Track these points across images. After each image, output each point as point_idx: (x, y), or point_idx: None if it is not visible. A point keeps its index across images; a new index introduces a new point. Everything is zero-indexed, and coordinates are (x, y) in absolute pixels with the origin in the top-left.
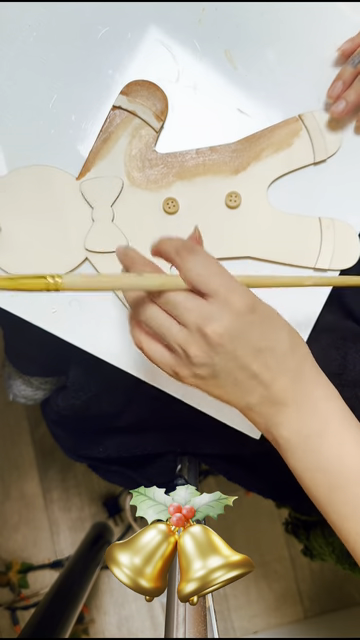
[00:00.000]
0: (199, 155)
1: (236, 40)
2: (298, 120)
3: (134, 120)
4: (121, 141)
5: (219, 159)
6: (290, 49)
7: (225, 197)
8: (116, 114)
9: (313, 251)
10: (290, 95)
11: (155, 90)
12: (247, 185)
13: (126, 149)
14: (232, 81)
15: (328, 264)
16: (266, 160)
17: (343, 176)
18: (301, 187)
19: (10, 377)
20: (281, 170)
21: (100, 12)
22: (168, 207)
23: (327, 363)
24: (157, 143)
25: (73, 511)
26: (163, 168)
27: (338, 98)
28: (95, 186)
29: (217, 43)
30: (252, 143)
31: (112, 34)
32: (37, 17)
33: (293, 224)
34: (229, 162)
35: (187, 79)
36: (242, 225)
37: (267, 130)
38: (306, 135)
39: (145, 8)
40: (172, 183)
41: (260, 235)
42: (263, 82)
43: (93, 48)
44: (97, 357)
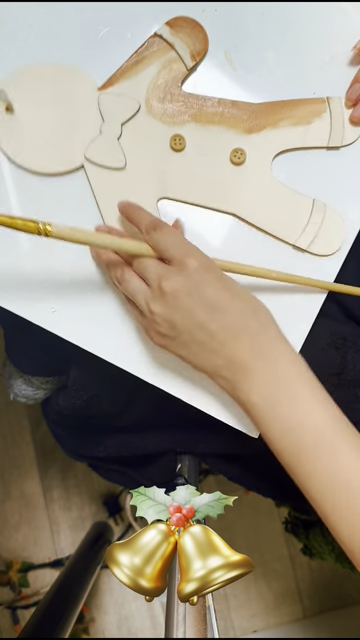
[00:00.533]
0: (220, 105)
1: (236, 41)
2: (325, 102)
3: (170, 52)
4: (151, 68)
5: (237, 114)
6: (290, 50)
7: (231, 151)
8: (155, 41)
9: (297, 229)
10: (290, 96)
11: (199, 31)
12: (256, 147)
13: (154, 77)
14: (232, 82)
15: (307, 245)
16: (282, 130)
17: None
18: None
19: (11, 376)
20: (293, 143)
21: (101, 12)
22: (175, 143)
23: (327, 363)
24: (184, 82)
25: (73, 510)
26: (182, 106)
27: (357, 101)
28: (113, 101)
29: (217, 44)
30: (274, 109)
31: (113, 34)
32: (38, 17)
33: (286, 197)
34: (246, 120)
35: (187, 80)
36: (238, 182)
37: (292, 102)
38: (328, 118)
39: (146, 9)
40: (186, 122)
41: (252, 197)
42: (263, 83)
43: (93, 48)
44: (98, 356)
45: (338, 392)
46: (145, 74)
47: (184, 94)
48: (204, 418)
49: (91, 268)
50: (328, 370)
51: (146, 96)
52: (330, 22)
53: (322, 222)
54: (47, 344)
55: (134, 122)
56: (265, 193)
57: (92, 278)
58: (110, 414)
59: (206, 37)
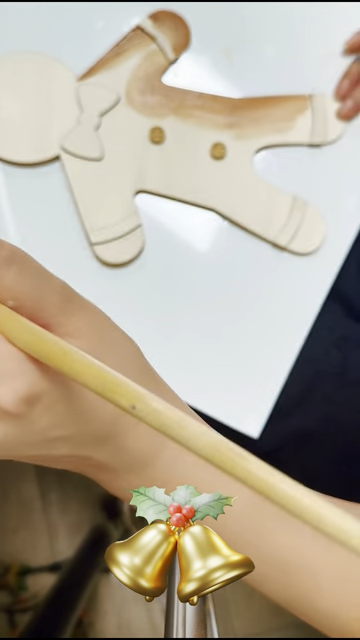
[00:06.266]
0: (200, 98)
1: (234, 38)
2: (307, 99)
3: (151, 45)
4: (132, 60)
5: (218, 109)
6: (288, 47)
7: (211, 146)
8: (136, 34)
9: (277, 225)
10: (288, 92)
11: (181, 25)
12: (236, 142)
13: (134, 69)
14: (230, 78)
15: (286, 242)
16: (263, 126)
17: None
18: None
19: None
20: (274, 140)
21: (97, 6)
22: (154, 136)
23: (328, 362)
24: (165, 74)
25: (71, 513)
26: (162, 99)
27: (346, 97)
28: (92, 91)
29: (215, 39)
30: (255, 105)
31: (108, 28)
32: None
33: (267, 193)
34: (227, 115)
35: (185, 75)
36: (218, 177)
37: (274, 98)
38: (310, 115)
39: (144, 6)
40: (166, 115)
41: (232, 193)
42: (261, 80)
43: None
44: None
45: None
46: (126, 66)
47: (165, 87)
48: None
49: (87, 264)
50: (330, 370)
51: (126, 88)
52: (329, 19)
53: (302, 220)
54: None
55: (113, 113)
56: (245, 189)
57: (87, 274)
58: None
59: (188, 31)
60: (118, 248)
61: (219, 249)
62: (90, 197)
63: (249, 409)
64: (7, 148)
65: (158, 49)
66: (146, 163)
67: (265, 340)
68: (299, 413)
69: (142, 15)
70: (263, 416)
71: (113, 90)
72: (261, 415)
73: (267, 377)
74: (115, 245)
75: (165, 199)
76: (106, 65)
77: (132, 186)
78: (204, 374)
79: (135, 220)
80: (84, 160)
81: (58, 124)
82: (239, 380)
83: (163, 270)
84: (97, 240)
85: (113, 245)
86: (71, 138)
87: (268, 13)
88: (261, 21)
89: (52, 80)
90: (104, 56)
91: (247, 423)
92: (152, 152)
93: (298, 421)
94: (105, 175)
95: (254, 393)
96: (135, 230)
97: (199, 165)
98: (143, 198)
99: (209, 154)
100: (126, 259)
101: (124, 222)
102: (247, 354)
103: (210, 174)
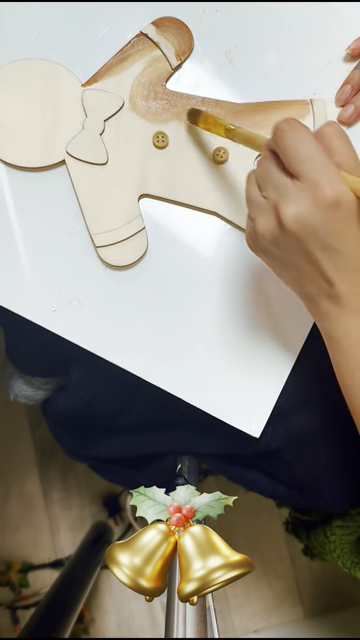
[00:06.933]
0: (204, 104)
1: (237, 41)
2: (308, 104)
3: (155, 51)
4: (136, 66)
5: (221, 114)
6: (291, 50)
7: (214, 150)
8: (140, 40)
9: None
10: (290, 96)
11: (185, 31)
12: (239, 146)
13: (138, 75)
14: (233, 82)
15: None
16: (265, 131)
17: None
18: None
19: (11, 377)
20: None
21: (101, 12)
22: (157, 140)
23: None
24: (168, 80)
25: (73, 510)
26: (166, 104)
27: (347, 103)
28: (96, 97)
29: (218, 44)
30: (257, 110)
31: (113, 34)
32: (38, 16)
33: None
34: (230, 120)
35: (188, 80)
36: (220, 181)
37: (275, 103)
38: (311, 120)
39: (146, 9)
40: (169, 120)
41: (234, 197)
42: (264, 83)
43: (93, 48)
44: (98, 356)
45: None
46: (129, 72)
47: (168, 92)
48: (204, 418)
49: (92, 266)
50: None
51: (130, 93)
52: (331, 22)
53: None
54: (47, 344)
55: (117, 118)
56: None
57: (92, 277)
58: (110, 414)
59: (191, 37)
60: (122, 251)
61: (221, 252)
62: (94, 201)
63: (250, 409)
64: (13, 153)
65: (162, 55)
66: (149, 167)
67: (266, 341)
68: (300, 413)
69: (146, 21)
70: (264, 416)
71: (117, 96)
72: (262, 415)
73: (268, 377)
74: (119, 248)
75: (168, 203)
76: (110, 71)
77: (136, 190)
78: (206, 375)
79: (138, 224)
80: (88, 164)
81: (63, 129)
82: (240, 380)
83: (166, 273)
84: (101, 243)
85: (117, 248)
86: (76, 143)
87: (271, 19)
88: (264, 26)
89: (57, 86)
90: (108, 62)
91: (248, 423)
92: (155, 157)
93: (298, 421)
94: (109, 179)
95: (255, 393)
96: (138, 233)
97: (202, 169)
98: (147, 202)
99: (211, 158)
100: (129, 262)
101: (128, 226)
102: (248, 355)
103: (213, 178)
